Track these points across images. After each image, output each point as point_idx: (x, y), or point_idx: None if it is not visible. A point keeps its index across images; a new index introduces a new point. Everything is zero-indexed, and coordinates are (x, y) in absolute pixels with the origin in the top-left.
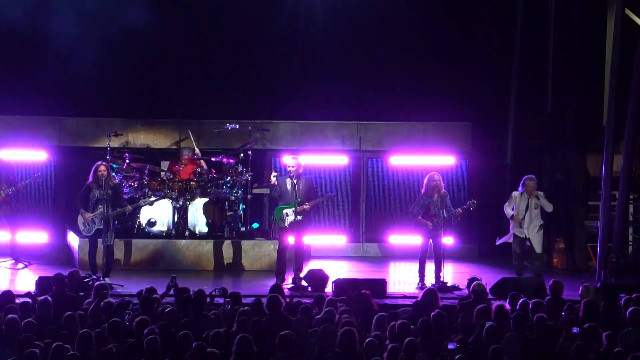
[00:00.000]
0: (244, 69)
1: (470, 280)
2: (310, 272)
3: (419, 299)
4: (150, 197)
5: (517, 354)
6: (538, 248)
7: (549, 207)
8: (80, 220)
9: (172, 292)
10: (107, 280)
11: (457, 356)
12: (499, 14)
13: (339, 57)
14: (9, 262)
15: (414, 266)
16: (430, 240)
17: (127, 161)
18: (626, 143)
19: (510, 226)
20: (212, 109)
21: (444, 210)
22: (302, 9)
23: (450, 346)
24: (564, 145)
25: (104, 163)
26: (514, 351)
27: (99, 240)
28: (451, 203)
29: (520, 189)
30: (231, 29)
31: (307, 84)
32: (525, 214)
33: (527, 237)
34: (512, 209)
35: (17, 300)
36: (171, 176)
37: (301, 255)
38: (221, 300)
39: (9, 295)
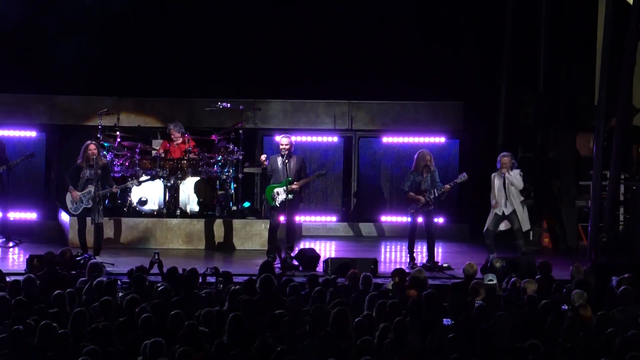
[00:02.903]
0: (236, 47)
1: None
2: (301, 251)
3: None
4: (138, 178)
5: (508, 333)
6: (518, 224)
7: (519, 185)
8: (68, 197)
9: (156, 269)
10: (98, 258)
11: (450, 335)
12: None
13: (330, 36)
14: (0, 240)
15: (405, 245)
16: (421, 219)
17: (119, 140)
18: (618, 122)
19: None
20: (203, 87)
21: (435, 190)
22: None
23: (445, 322)
24: (555, 125)
25: (93, 142)
26: (504, 330)
27: (88, 219)
28: (440, 180)
29: (498, 166)
30: (222, 6)
31: (298, 62)
32: (504, 192)
33: (506, 214)
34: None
35: (7, 279)
36: (162, 155)
37: (292, 234)
38: (213, 279)
39: None
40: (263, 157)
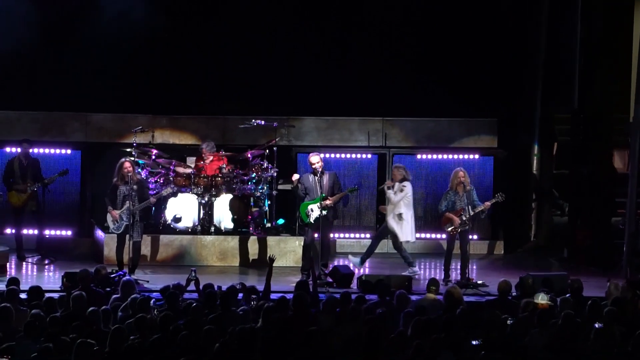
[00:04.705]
0: (270, 64)
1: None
2: (335, 268)
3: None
4: (173, 188)
5: (541, 350)
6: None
7: (393, 199)
8: (109, 217)
9: (192, 286)
10: (133, 276)
11: (482, 353)
12: (525, 10)
13: (363, 53)
14: (35, 257)
15: (440, 263)
16: (457, 236)
17: (153, 157)
18: None
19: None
20: (237, 104)
21: (470, 207)
22: (326, 5)
23: (473, 342)
24: (590, 141)
25: (128, 159)
26: (538, 347)
27: (127, 237)
28: (478, 198)
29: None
30: (255, 24)
31: (332, 79)
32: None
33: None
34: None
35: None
36: (197, 172)
37: (327, 251)
38: (240, 295)
39: (37, 290)
40: (295, 177)
